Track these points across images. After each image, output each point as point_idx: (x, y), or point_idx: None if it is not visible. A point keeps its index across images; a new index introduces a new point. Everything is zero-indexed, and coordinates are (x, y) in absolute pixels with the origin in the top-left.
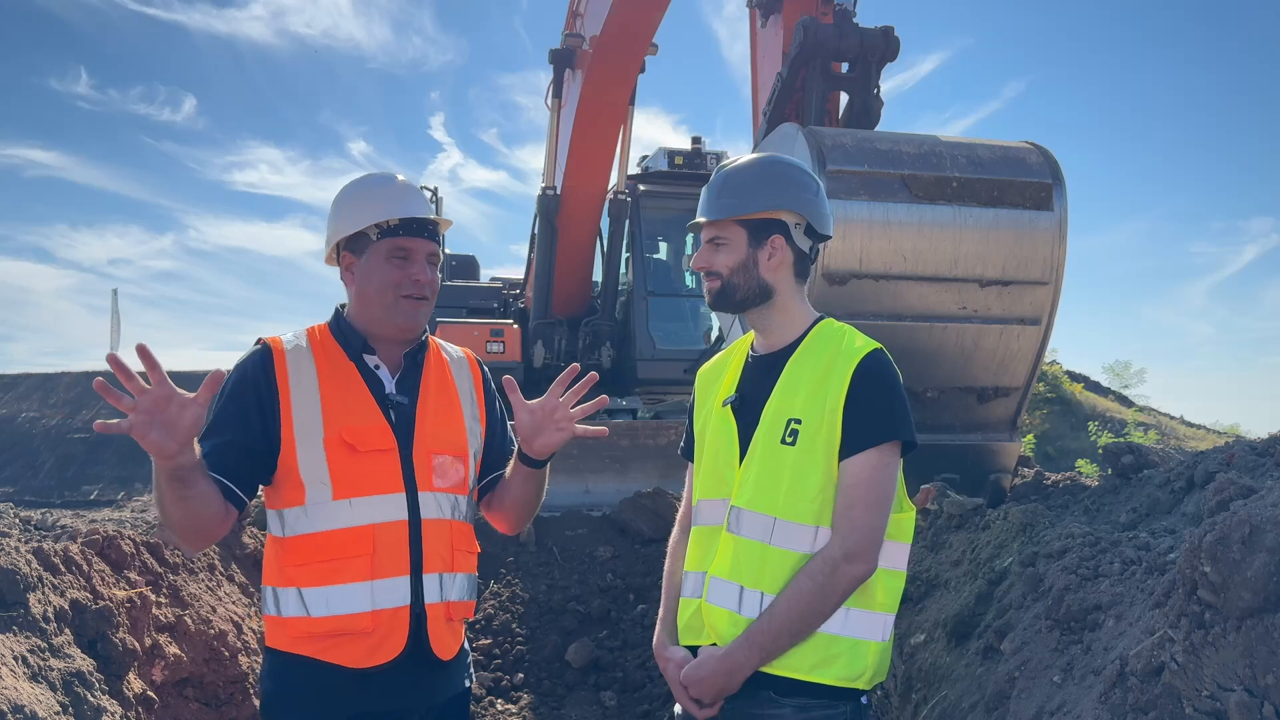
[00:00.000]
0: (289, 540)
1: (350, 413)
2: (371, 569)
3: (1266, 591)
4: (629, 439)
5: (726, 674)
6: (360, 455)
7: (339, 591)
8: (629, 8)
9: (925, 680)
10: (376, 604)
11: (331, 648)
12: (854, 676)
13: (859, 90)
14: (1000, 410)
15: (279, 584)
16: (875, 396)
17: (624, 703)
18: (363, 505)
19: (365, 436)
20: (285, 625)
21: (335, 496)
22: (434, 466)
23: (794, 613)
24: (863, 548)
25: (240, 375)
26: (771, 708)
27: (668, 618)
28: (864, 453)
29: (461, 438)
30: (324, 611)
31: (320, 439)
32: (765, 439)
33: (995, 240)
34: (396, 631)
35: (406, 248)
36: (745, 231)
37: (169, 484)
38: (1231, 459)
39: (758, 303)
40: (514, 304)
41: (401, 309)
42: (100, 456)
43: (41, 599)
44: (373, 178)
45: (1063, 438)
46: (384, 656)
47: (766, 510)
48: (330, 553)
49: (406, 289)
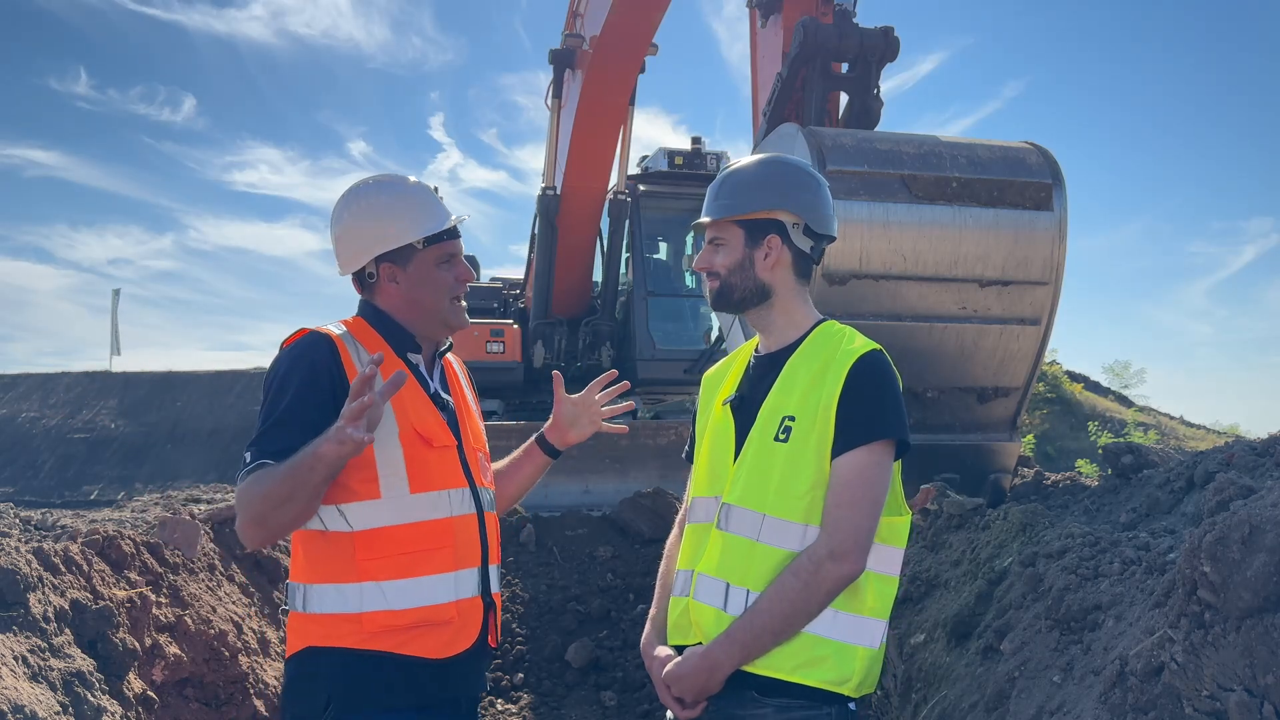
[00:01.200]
0: (360, 534)
1: (414, 408)
2: (455, 559)
3: (1266, 591)
4: (629, 439)
5: (708, 672)
6: (434, 450)
7: (426, 583)
8: (629, 8)
9: (925, 680)
10: (460, 594)
11: (414, 639)
12: (840, 681)
13: (859, 90)
14: (1000, 410)
15: (352, 579)
16: (869, 395)
17: (624, 703)
18: (440, 499)
19: (435, 432)
20: (361, 621)
21: (413, 490)
22: (480, 462)
23: (777, 611)
24: (849, 547)
25: (310, 365)
26: (754, 707)
27: (658, 617)
28: (855, 450)
29: (484, 436)
30: (410, 603)
31: (395, 433)
32: (759, 436)
33: (995, 240)
34: (474, 620)
35: (453, 251)
36: (742, 232)
37: (324, 483)
38: (1231, 459)
39: (756, 302)
40: (514, 304)
41: (455, 311)
42: (100, 456)
43: (41, 599)
44: (396, 186)
45: (1063, 438)
46: (461, 645)
47: (755, 506)
48: (413, 545)
49: (456, 290)
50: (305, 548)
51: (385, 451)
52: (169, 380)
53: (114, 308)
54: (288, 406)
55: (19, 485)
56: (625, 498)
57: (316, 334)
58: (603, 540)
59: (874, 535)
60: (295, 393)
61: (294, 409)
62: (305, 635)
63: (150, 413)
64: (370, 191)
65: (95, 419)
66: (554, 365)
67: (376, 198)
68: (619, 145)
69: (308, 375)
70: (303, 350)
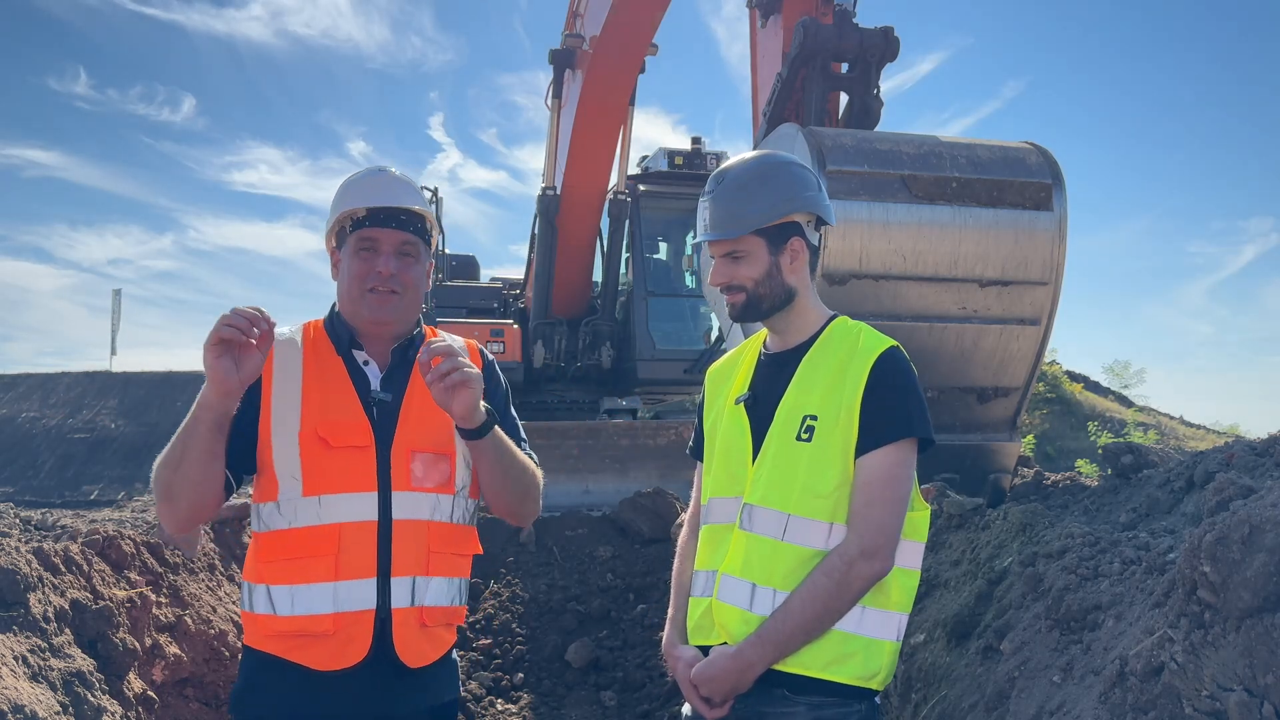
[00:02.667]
0: (262, 536)
1: (330, 408)
2: (335, 570)
3: (1266, 591)
4: (629, 439)
5: (739, 672)
6: (334, 451)
7: (303, 591)
8: (629, 8)
9: (925, 680)
10: (339, 606)
11: (296, 648)
12: (869, 676)
13: (859, 90)
14: (1000, 410)
15: (252, 580)
16: (893, 393)
17: (624, 703)
18: (331, 503)
19: (341, 432)
20: (255, 622)
21: (305, 493)
22: (412, 466)
23: (809, 610)
24: (880, 545)
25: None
26: (784, 705)
27: (677, 617)
28: (881, 449)
29: (448, 434)
30: (288, 611)
31: (295, 433)
32: (780, 436)
33: (995, 240)
34: (359, 636)
35: (373, 238)
36: (764, 240)
37: (209, 434)
38: (1231, 459)
39: (783, 307)
40: (514, 304)
41: (367, 303)
42: (100, 456)
43: (42, 599)
44: (359, 172)
45: (1063, 438)
46: (347, 660)
47: (780, 507)
48: (296, 550)
49: (370, 282)
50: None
51: (283, 451)
52: (169, 380)
53: (115, 308)
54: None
55: (19, 485)
56: (625, 498)
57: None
58: (603, 540)
59: (901, 532)
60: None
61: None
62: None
63: (150, 413)
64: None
65: (95, 419)
66: (554, 365)
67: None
68: (619, 145)
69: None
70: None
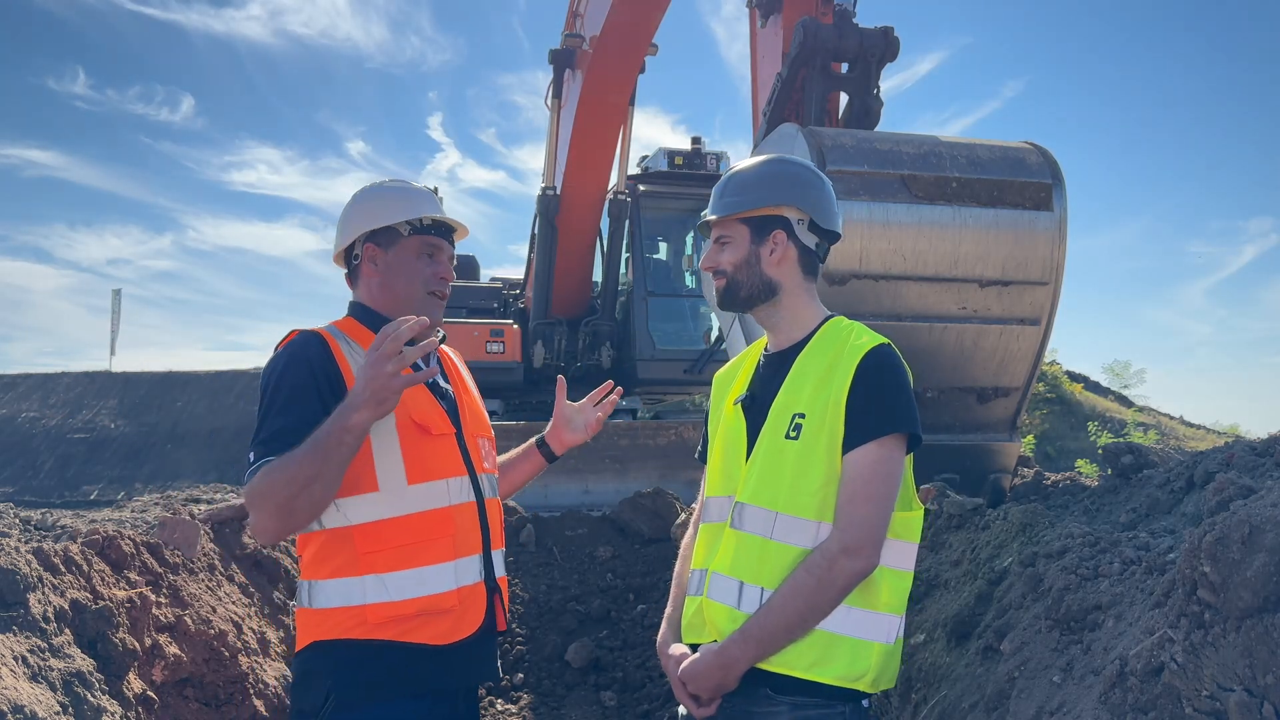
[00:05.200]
0: (359, 528)
1: (412, 398)
2: (454, 549)
3: (1266, 591)
4: (629, 439)
5: (723, 669)
6: (432, 439)
7: (429, 572)
8: (629, 8)
9: (925, 680)
10: (460, 581)
11: (417, 628)
12: (854, 677)
13: (859, 90)
14: (1000, 410)
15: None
16: (879, 389)
17: (624, 703)
18: (438, 488)
19: (434, 420)
20: (363, 613)
21: (410, 481)
22: (481, 449)
23: (790, 608)
24: (862, 542)
25: (305, 362)
26: (768, 705)
27: (673, 615)
28: (866, 445)
29: (487, 422)
30: (411, 594)
31: (392, 424)
32: (770, 434)
33: (995, 240)
34: (476, 606)
35: (438, 245)
36: (748, 229)
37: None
38: (1231, 459)
39: (763, 300)
40: (514, 304)
41: (428, 304)
42: (100, 456)
43: (41, 599)
44: (397, 181)
45: (1062, 438)
46: (465, 631)
47: (768, 505)
48: (410, 536)
49: (433, 285)
50: (309, 546)
51: (382, 443)
52: (169, 380)
53: (114, 308)
54: (286, 402)
55: (19, 485)
56: (625, 498)
57: (307, 333)
58: (603, 540)
59: (887, 530)
60: (291, 389)
61: (293, 404)
62: (311, 631)
63: (150, 413)
64: (373, 185)
65: (95, 419)
66: (554, 365)
67: (376, 189)
68: (619, 145)
69: (303, 371)
70: (295, 349)
